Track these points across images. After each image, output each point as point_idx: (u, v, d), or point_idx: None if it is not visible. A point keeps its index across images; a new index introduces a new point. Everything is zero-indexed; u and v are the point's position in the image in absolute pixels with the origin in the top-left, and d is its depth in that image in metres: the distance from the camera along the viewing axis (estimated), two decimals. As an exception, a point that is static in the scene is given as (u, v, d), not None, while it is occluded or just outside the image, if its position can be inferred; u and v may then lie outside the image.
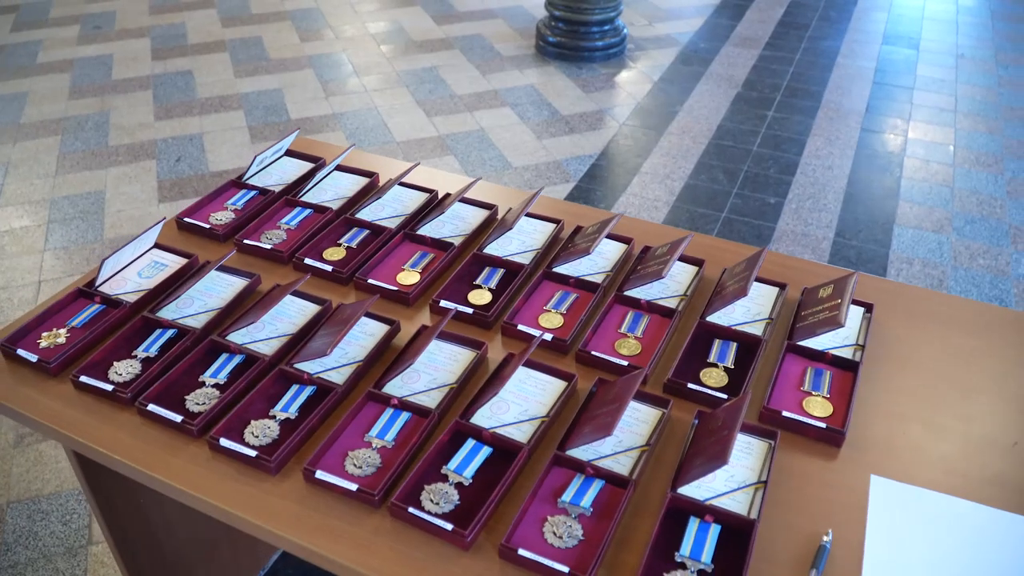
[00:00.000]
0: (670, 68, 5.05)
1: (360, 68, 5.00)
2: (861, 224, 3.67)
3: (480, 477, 1.25)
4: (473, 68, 5.02)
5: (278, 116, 4.46)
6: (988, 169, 4.01)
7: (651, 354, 1.47)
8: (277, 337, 1.51)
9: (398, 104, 4.61)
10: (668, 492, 1.21)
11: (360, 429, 1.33)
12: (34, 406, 1.39)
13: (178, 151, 4.13)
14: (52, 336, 1.51)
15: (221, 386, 1.40)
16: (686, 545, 1.16)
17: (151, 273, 1.66)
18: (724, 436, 1.21)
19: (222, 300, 1.59)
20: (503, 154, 4.17)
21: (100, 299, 1.58)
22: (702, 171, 4.03)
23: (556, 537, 1.17)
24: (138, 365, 1.44)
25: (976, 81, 4.84)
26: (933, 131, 4.34)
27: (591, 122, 4.46)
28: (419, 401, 1.37)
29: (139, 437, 1.33)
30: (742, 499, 1.23)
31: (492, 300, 1.59)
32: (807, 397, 1.39)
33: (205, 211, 1.85)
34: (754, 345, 1.48)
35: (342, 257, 1.70)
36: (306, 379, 1.40)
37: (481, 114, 4.52)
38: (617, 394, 1.29)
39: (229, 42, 5.25)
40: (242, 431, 1.32)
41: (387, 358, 1.48)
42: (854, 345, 1.50)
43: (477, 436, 1.31)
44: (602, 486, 1.24)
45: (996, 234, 3.58)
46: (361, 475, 1.25)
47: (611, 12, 5.01)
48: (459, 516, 1.19)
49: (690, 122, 4.46)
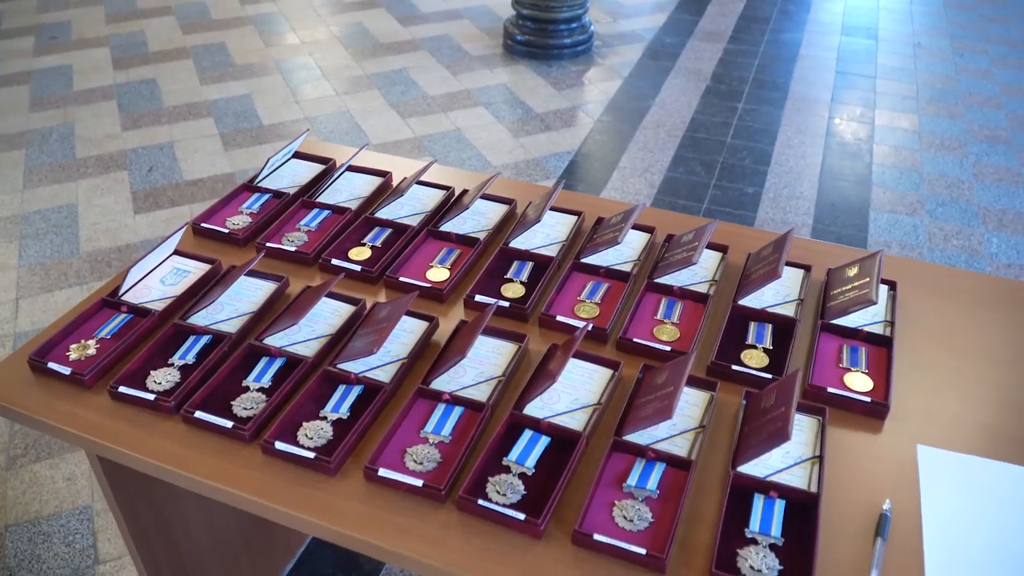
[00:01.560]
0: (638, 64, 5.11)
1: (329, 71, 4.95)
2: (838, 210, 3.75)
3: (541, 466, 1.26)
4: (443, 69, 5.01)
5: (249, 122, 4.40)
6: (953, 153, 4.14)
7: (691, 338, 1.49)
8: (316, 339, 1.49)
9: (371, 107, 4.58)
10: (730, 470, 1.24)
11: (414, 425, 1.33)
12: (73, 420, 1.36)
13: (149, 161, 4.05)
14: (81, 348, 1.47)
15: (266, 390, 1.39)
16: (754, 521, 1.18)
17: (175, 280, 1.63)
18: (782, 414, 1.23)
19: (253, 304, 1.57)
20: (481, 153, 4.17)
21: (127, 308, 1.55)
22: (679, 164, 4.09)
23: (627, 520, 1.18)
24: (176, 373, 1.42)
25: (935, 69, 4.99)
26: (898, 118, 4.47)
27: (566, 119, 4.49)
28: (470, 395, 1.37)
29: (188, 445, 1.31)
30: (800, 474, 1.25)
31: (526, 293, 1.60)
32: (847, 373, 1.43)
33: (220, 216, 1.82)
34: (789, 325, 1.51)
35: (368, 256, 1.69)
36: (353, 379, 1.39)
37: (456, 114, 4.52)
38: (670, 378, 1.31)
39: (192, 49, 5.15)
40: (295, 433, 1.31)
41: (429, 354, 1.47)
42: (884, 322, 1.54)
43: (534, 427, 1.31)
44: (664, 468, 1.25)
45: (966, 215, 3.70)
46: (423, 471, 1.25)
47: (578, 10, 5.05)
48: (527, 505, 1.19)
49: (663, 116, 4.52)
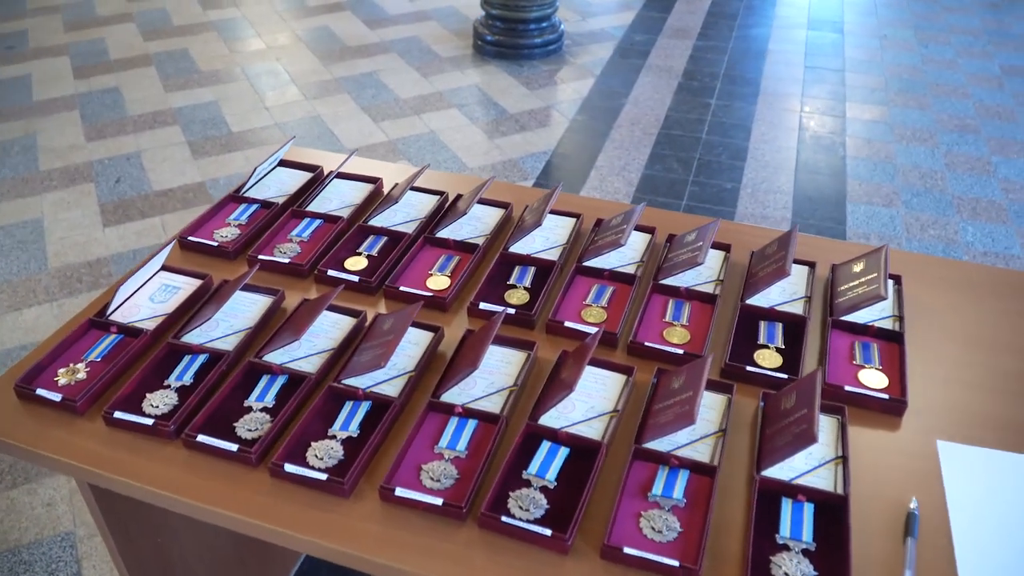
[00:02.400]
0: (610, 62, 5.10)
1: (297, 76, 4.87)
2: (815, 204, 3.77)
3: (562, 478, 1.22)
4: (413, 71, 4.95)
5: (218, 130, 4.30)
6: (925, 144, 4.19)
7: (702, 340, 1.46)
8: (317, 354, 1.44)
9: (342, 111, 4.51)
10: (754, 475, 1.21)
11: (428, 441, 1.28)
12: (66, 449, 1.29)
13: (116, 172, 3.94)
14: (70, 372, 1.40)
15: (270, 409, 1.33)
16: (784, 526, 1.16)
17: (164, 297, 1.57)
18: (805, 415, 1.21)
19: (249, 320, 1.51)
20: (457, 155, 4.13)
21: (117, 328, 1.48)
22: (656, 161, 4.08)
23: (655, 531, 1.15)
24: (174, 395, 1.36)
25: (901, 60, 5.05)
26: (869, 110, 4.51)
27: (540, 119, 4.46)
28: (483, 407, 1.33)
29: (191, 471, 1.25)
30: (826, 475, 1.23)
31: (531, 299, 1.56)
32: (861, 370, 1.41)
33: (207, 228, 1.76)
34: (798, 324, 1.50)
35: (365, 266, 1.64)
36: (360, 395, 1.34)
37: (429, 116, 4.47)
38: (687, 382, 1.28)
39: (154, 56, 5.03)
40: (304, 454, 1.26)
41: (436, 366, 1.43)
42: (892, 316, 1.53)
43: (552, 437, 1.28)
44: (688, 476, 1.23)
45: (941, 205, 3.74)
46: (440, 488, 1.21)
47: (548, 9, 5.02)
48: (552, 520, 1.16)
49: (637, 114, 4.51)
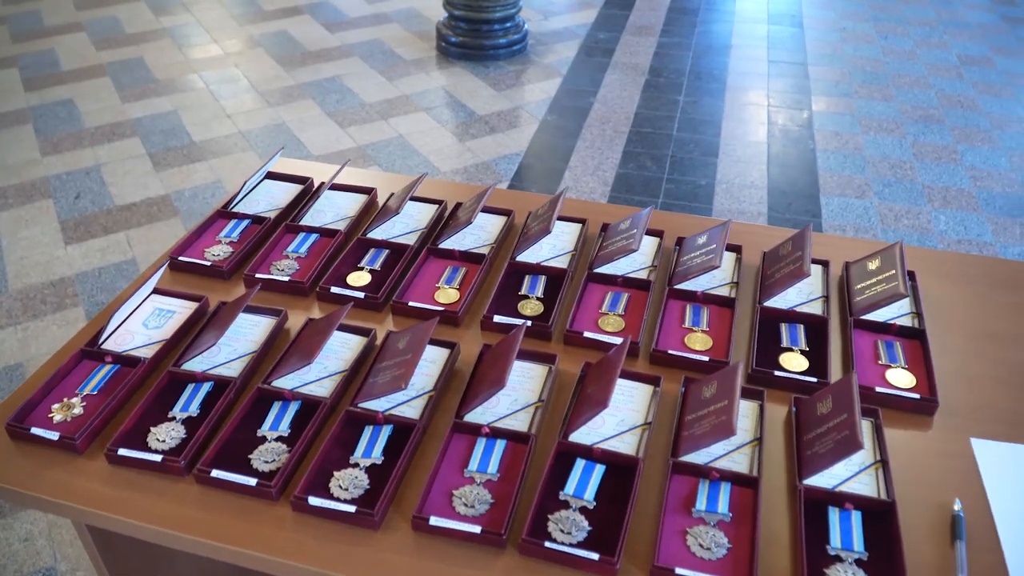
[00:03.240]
0: (575, 60, 5.07)
1: (258, 82, 4.74)
2: (790, 197, 3.79)
3: (600, 497, 1.18)
4: (378, 74, 4.87)
5: (179, 140, 4.17)
6: (892, 134, 4.24)
7: (724, 346, 1.43)
8: (329, 376, 1.37)
9: (307, 117, 4.40)
10: (798, 485, 1.18)
11: (456, 464, 1.23)
12: (67, 491, 1.21)
13: (75, 187, 3.79)
14: (65, 408, 1.31)
15: (286, 438, 1.26)
16: (835, 536, 1.12)
17: (159, 322, 1.49)
18: (845, 420, 1.18)
19: (252, 343, 1.43)
20: (428, 159, 4.06)
21: (112, 358, 1.39)
22: (629, 160, 4.06)
23: (703, 548, 1.11)
24: (180, 428, 1.28)
25: (862, 53, 5.12)
26: (835, 103, 4.56)
27: (510, 120, 4.41)
28: (510, 426, 1.28)
29: (206, 508, 1.18)
30: (868, 481, 1.21)
31: (545, 309, 1.51)
32: (887, 370, 1.39)
33: (197, 247, 1.68)
34: (820, 325, 1.47)
35: (369, 281, 1.58)
36: (380, 418, 1.28)
37: (397, 121, 4.39)
38: (721, 391, 1.25)
39: (108, 65, 4.86)
40: (327, 485, 1.19)
41: (455, 384, 1.37)
42: (911, 313, 1.51)
43: (585, 455, 1.23)
44: (729, 488, 1.19)
45: (912, 195, 3.78)
46: (475, 514, 1.15)
47: (511, 9, 4.97)
48: (595, 542, 1.11)
49: (607, 112, 4.49)
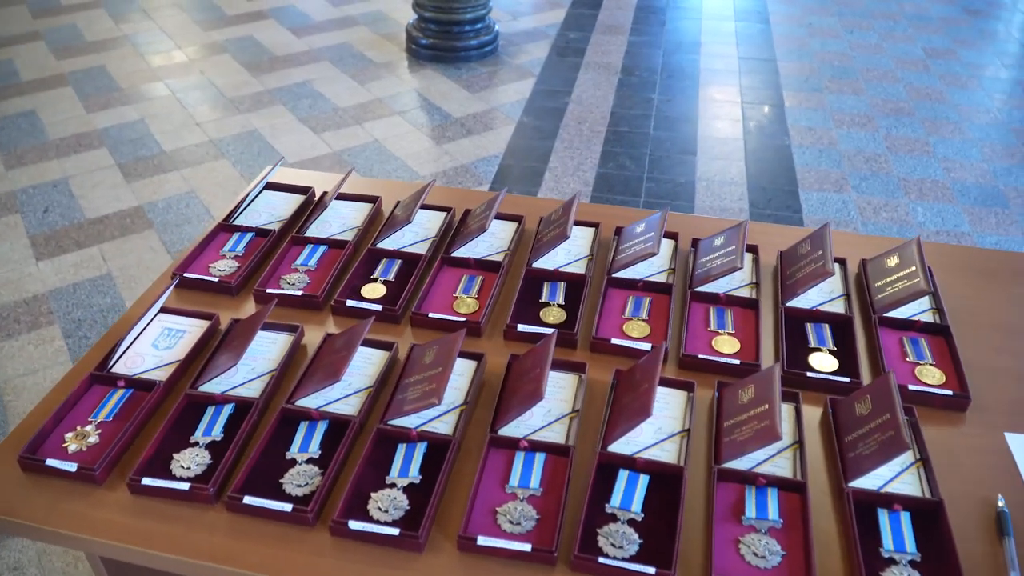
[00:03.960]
0: (548, 61, 5.05)
1: (225, 88, 4.64)
2: (769, 193, 3.81)
3: (647, 509, 1.16)
4: (348, 78, 4.79)
5: (148, 150, 4.06)
6: (864, 128, 4.30)
7: (752, 348, 1.42)
8: (354, 393, 1.33)
9: (279, 123, 4.32)
10: (844, 487, 1.17)
11: (496, 480, 1.20)
12: (88, 524, 1.15)
13: (43, 201, 3.66)
14: (79, 437, 1.25)
15: (317, 460, 1.22)
16: (887, 538, 1.12)
17: (170, 343, 1.43)
18: (889, 421, 1.18)
19: (270, 361, 1.39)
20: (406, 163, 4.01)
21: (124, 382, 1.33)
22: (609, 159, 4.05)
23: (758, 557, 1.09)
24: (205, 453, 1.23)
25: (830, 47, 5.18)
26: (806, 98, 4.60)
27: (486, 122, 4.37)
28: (546, 438, 1.25)
29: (239, 536, 1.13)
30: (911, 480, 1.20)
31: (567, 317, 1.48)
32: (916, 367, 1.39)
33: (201, 262, 1.62)
34: (845, 324, 1.47)
35: (384, 293, 1.54)
36: (414, 435, 1.24)
37: (371, 125, 4.32)
38: (759, 396, 1.23)
39: (70, 75, 4.71)
40: (364, 508, 1.15)
41: (485, 397, 1.34)
42: (932, 309, 1.52)
43: (628, 465, 1.21)
44: (776, 493, 1.17)
45: (889, 187, 3.83)
46: (521, 531, 1.12)
47: (482, 10, 4.93)
48: (648, 555, 1.09)
49: (583, 112, 4.48)
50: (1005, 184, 3.80)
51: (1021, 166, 3.94)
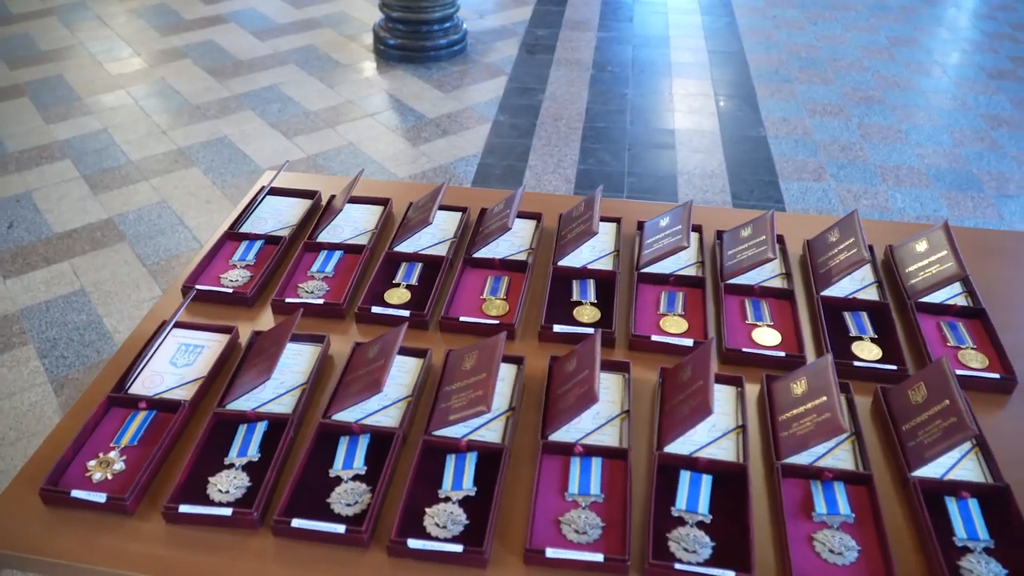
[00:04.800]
0: (518, 58, 5.01)
1: (190, 95, 4.51)
2: (751, 184, 3.82)
3: (713, 509, 1.12)
4: (317, 81, 4.69)
5: (115, 160, 3.91)
6: (837, 117, 4.34)
7: (793, 339, 1.39)
8: (393, 404, 1.27)
9: (249, 129, 4.20)
10: (909, 477, 1.15)
11: (554, 487, 1.15)
12: (124, 559, 1.07)
13: (7, 216, 3.51)
14: (103, 464, 1.17)
15: (363, 476, 1.16)
16: (958, 527, 1.09)
17: (188, 359, 1.35)
18: (949, 408, 1.15)
19: (299, 375, 1.32)
20: (384, 166, 3.93)
21: (146, 404, 1.25)
22: (588, 156, 4.03)
23: (835, 554, 1.06)
24: (242, 475, 1.15)
25: (796, 39, 5.22)
26: (778, 89, 4.63)
27: (461, 121, 4.32)
28: (601, 442, 1.21)
29: (290, 563, 1.06)
30: (971, 467, 1.18)
31: (602, 315, 1.44)
32: (959, 351, 1.38)
33: (211, 273, 1.54)
34: (882, 311, 1.45)
35: (409, 299, 1.48)
36: (463, 446, 1.19)
37: (345, 128, 4.23)
38: (815, 388, 1.20)
39: (27, 85, 4.53)
40: (420, 524, 1.09)
41: (528, 401, 1.29)
42: (964, 292, 1.51)
43: (689, 466, 1.17)
44: (843, 487, 1.15)
45: (866, 175, 3.87)
46: (587, 541, 1.08)
47: (450, 8, 4.87)
48: (722, 559, 1.05)
49: (558, 109, 4.44)
50: (978, 168, 3.86)
51: (992, 150, 4.01)
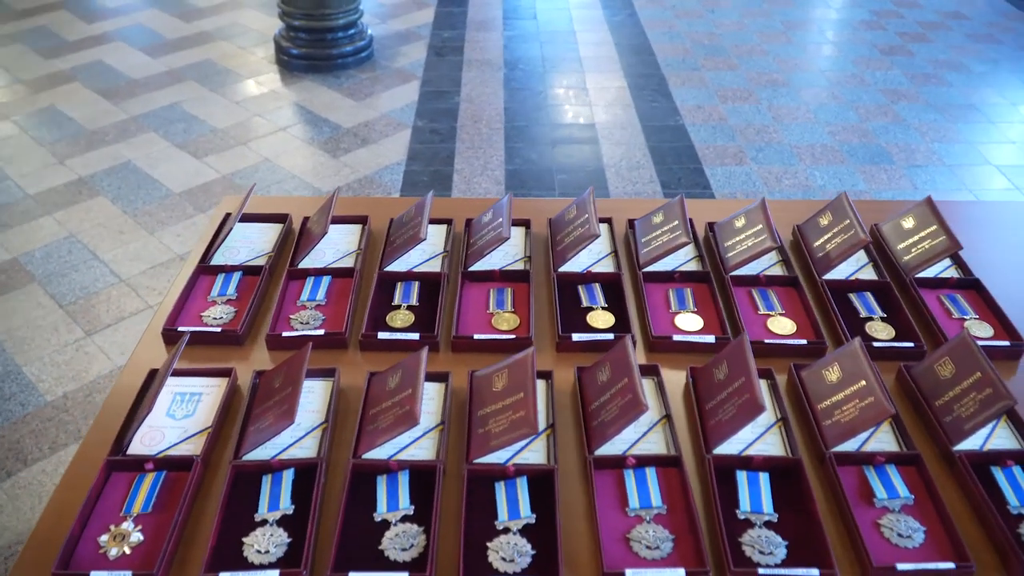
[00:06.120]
0: (428, 61, 4.92)
1: (86, 119, 4.21)
2: (677, 172, 3.88)
3: (777, 507, 1.10)
4: (220, 97, 4.47)
5: (10, 195, 3.61)
6: (747, 101, 4.46)
7: (811, 326, 1.40)
8: (424, 435, 1.20)
9: (155, 152, 3.96)
10: (955, 453, 1.16)
11: (612, 504, 1.10)
12: (165, 639, 0.96)
13: None
14: (117, 538, 1.05)
15: (412, 516, 1.08)
16: (1009, 495, 1.11)
17: (188, 409, 1.23)
18: (982, 380, 1.18)
19: (316, 413, 1.23)
20: (306, 181, 3.78)
21: (153, 464, 1.13)
22: (514, 156, 3.99)
23: (904, 538, 1.06)
24: (279, 531, 1.06)
25: (697, 28, 5.34)
26: (687, 77, 4.72)
27: (379, 129, 4.20)
28: (648, 450, 1.17)
29: (353, 620, 0.98)
30: (1006, 435, 1.21)
31: (617, 319, 1.41)
32: (964, 323, 1.41)
33: (190, 312, 1.42)
34: (885, 289, 1.47)
35: (413, 320, 1.40)
36: (511, 472, 1.13)
37: (258, 144, 4.05)
38: (851, 374, 1.20)
39: None
40: (486, 560, 1.03)
41: (563, 417, 1.24)
42: (953, 264, 1.55)
43: (744, 465, 1.14)
44: (896, 470, 1.15)
45: (783, 155, 3.99)
46: (662, 555, 1.04)
47: (354, 15, 4.73)
48: (799, 557, 1.03)
49: (476, 111, 4.39)
50: (886, 141, 4.04)
51: (895, 123, 4.21)
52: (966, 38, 5.21)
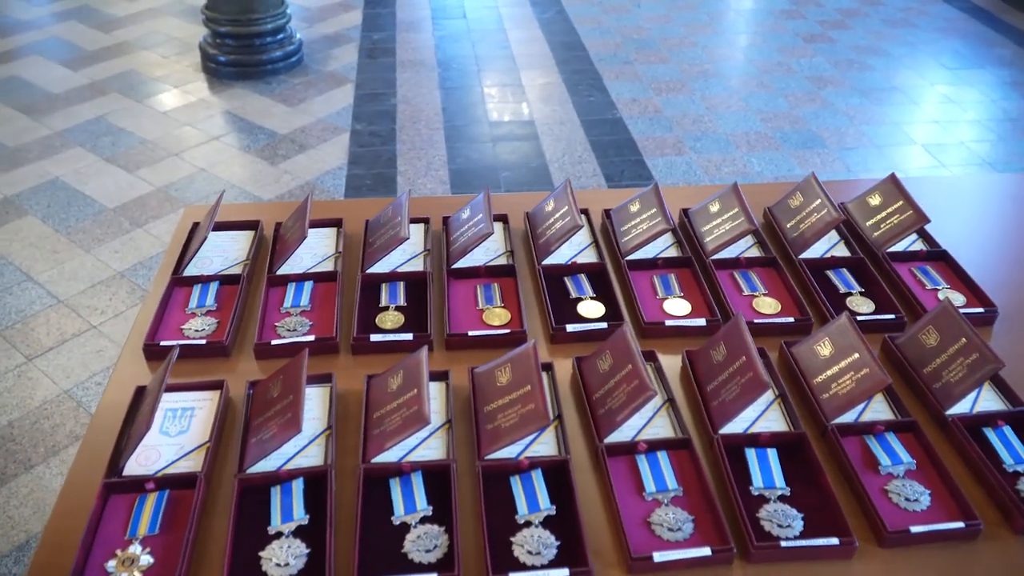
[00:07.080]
0: (360, 64, 4.85)
1: (6, 136, 4.01)
2: (619, 165, 3.93)
3: (789, 481, 1.12)
4: (147, 108, 4.32)
5: (-73, 219, 3.42)
6: (681, 93, 4.54)
7: (795, 304, 1.43)
8: (431, 435, 1.18)
9: (83, 167, 3.80)
10: (949, 418, 1.20)
11: (629, 490, 1.11)
12: (189, 664, 0.92)
13: None
14: (126, 563, 1.01)
15: (431, 517, 1.06)
16: (1005, 455, 1.16)
17: (182, 425, 1.19)
18: (968, 345, 1.22)
19: (317, 420, 1.19)
20: (246, 190, 3.69)
21: (155, 484, 1.09)
22: (456, 155, 3.98)
23: (911, 502, 1.10)
24: (297, 543, 1.03)
25: (625, 22, 5.42)
26: (621, 71, 4.78)
27: (317, 134, 4.13)
28: (658, 435, 1.18)
29: (385, 627, 0.96)
30: (991, 397, 1.26)
31: (608, 308, 1.41)
32: (938, 292, 1.47)
33: (168, 325, 1.36)
34: (860, 265, 1.52)
35: (403, 321, 1.38)
36: (526, 465, 1.12)
37: (191, 154, 3.93)
38: (845, 347, 1.24)
39: None
40: (511, 556, 1.02)
41: (568, 408, 1.24)
42: (919, 238, 1.61)
43: (751, 443, 1.16)
44: (896, 439, 1.18)
45: (721, 144, 4.08)
46: (685, 536, 1.05)
47: (281, 19, 4.63)
48: (816, 528, 1.06)
49: (413, 111, 4.36)
50: (817, 127, 4.18)
51: (824, 108, 4.35)
52: (883, 23, 5.43)
